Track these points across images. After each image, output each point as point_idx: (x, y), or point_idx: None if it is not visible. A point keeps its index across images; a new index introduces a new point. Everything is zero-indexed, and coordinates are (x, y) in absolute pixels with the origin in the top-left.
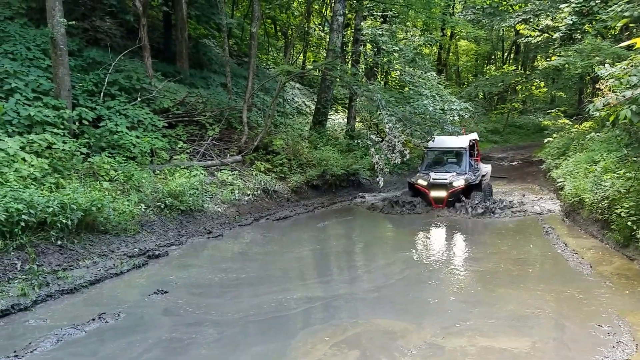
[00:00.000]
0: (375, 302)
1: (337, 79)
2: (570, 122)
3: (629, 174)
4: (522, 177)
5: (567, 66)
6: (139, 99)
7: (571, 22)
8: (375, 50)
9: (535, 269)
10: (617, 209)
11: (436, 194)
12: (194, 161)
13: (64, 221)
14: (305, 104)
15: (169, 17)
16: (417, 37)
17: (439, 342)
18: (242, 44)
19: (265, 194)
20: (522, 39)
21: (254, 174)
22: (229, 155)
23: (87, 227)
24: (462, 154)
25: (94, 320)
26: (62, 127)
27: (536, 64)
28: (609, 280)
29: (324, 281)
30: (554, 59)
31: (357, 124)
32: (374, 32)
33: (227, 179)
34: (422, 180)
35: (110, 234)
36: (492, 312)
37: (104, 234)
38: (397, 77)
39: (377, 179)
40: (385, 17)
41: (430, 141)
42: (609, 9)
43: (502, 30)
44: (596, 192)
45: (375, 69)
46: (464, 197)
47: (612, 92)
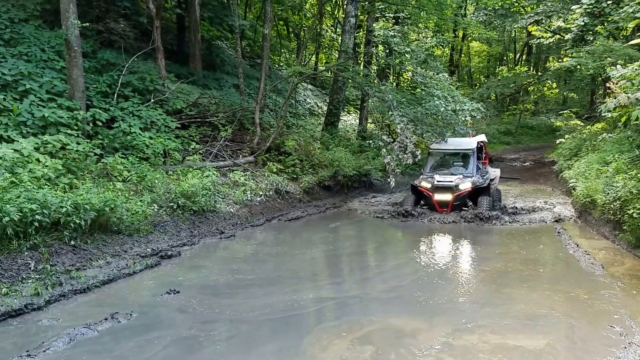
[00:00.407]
0: (387, 302)
1: (349, 80)
2: (582, 123)
3: None
4: (534, 178)
5: (579, 67)
6: (152, 100)
7: (583, 23)
8: (387, 51)
9: (546, 270)
10: (629, 209)
11: (441, 197)
12: (206, 162)
13: (78, 221)
14: (317, 105)
15: (182, 19)
16: (429, 39)
17: (452, 340)
18: (255, 46)
19: (277, 194)
20: (534, 40)
21: (266, 174)
22: (241, 156)
23: (100, 227)
24: (469, 156)
25: (106, 320)
26: (76, 128)
27: (548, 65)
28: (620, 281)
29: (336, 282)
30: (565, 60)
31: (369, 125)
32: (385, 33)
33: (240, 179)
34: (425, 182)
35: (123, 234)
36: (504, 312)
37: (117, 234)
38: (409, 78)
39: (389, 180)
40: (397, 19)
41: (434, 142)
42: (621, 10)
43: (514, 31)
44: (608, 193)
45: (387, 71)
46: (470, 202)
47: (623, 92)
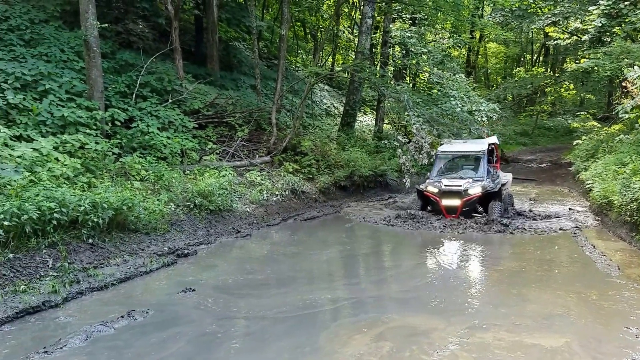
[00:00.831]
0: (403, 302)
1: (366, 81)
2: (599, 125)
3: None
4: (551, 179)
5: (596, 68)
6: (170, 101)
7: (600, 25)
8: (403, 52)
9: (562, 271)
10: None
11: (449, 202)
12: (223, 162)
13: (96, 220)
14: (334, 106)
15: (201, 20)
16: (446, 40)
17: (467, 339)
18: (272, 47)
19: (293, 194)
20: (551, 41)
21: (282, 174)
22: (257, 156)
23: (117, 226)
24: (479, 159)
25: (122, 317)
26: (94, 127)
27: (565, 66)
28: (637, 282)
29: (352, 283)
30: (583, 61)
31: (385, 125)
32: (402, 34)
33: (256, 179)
34: (432, 187)
35: (140, 232)
36: (519, 312)
37: (134, 232)
38: (426, 79)
39: (404, 180)
40: (414, 20)
41: (442, 144)
42: (638, 11)
43: (531, 32)
44: (625, 195)
45: (403, 71)
46: (480, 208)
47: None
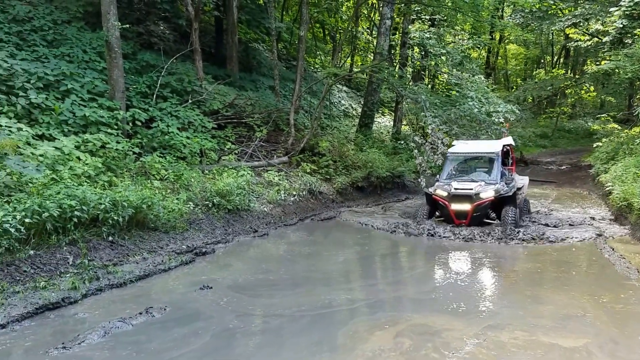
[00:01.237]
0: (421, 302)
1: (384, 81)
2: (619, 127)
3: None
4: (570, 181)
5: (617, 70)
6: (190, 101)
7: (621, 26)
8: (422, 53)
9: (580, 272)
10: None
11: (458, 207)
12: (241, 162)
13: (116, 218)
14: (352, 107)
15: (220, 21)
16: (465, 41)
17: (486, 338)
18: (291, 48)
19: (310, 194)
20: (572, 43)
21: (300, 174)
22: (275, 156)
23: (137, 224)
24: (492, 161)
25: (141, 314)
26: (115, 127)
27: (586, 68)
28: None
29: (369, 284)
30: (603, 63)
31: (403, 127)
32: (421, 35)
33: (274, 179)
34: (441, 190)
35: (159, 231)
36: (535, 313)
37: (153, 230)
38: (445, 80)
39: (419, 180)
40: (433, 21)
41: (453, 145)
42: None
43: (552, 34)
44: None
45: (422, 73)
46: (493, 213)
47: None
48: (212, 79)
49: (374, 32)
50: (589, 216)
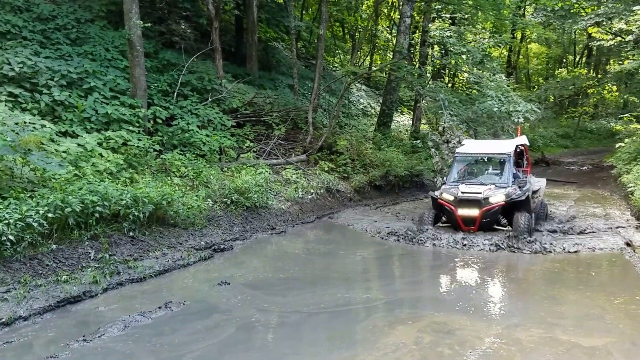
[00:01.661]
0: (438, 302)
1: (403, 79)
2: None
3: None
4: (592, 182)
5: None
6: (210, 99)
7: None
8: (442, 52)
9: (600, 273)
10: None
11: (465, 212)
12: (260, 159)
13: (136, 214)
14: (370, 106)
15: (241, 20)
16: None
17: (507, 335)
18: (310, 47)
19: (328, 193)
20: (594, 42)
21: (318, 173)
22: (293, 154)
23: (157, 220)
24: (504, 163)
25: (160, 308)
26: (137, 125)
27: (608, 67)
28: None
29: (385, 283)
30: (626, 62)
31: (422, 126)
32: (441, 33)
33: (292, 177)
34: (447, 194)
35: (179, 227)
36: (555, 313)
37: (173, 227)
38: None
39: (435, 179)
40: (453, 19)
41: (462, 144)
42: None
43: (574, 33)
44: None
45: (442, 71)
46: (504, 219)
47: None
48: (232, 78)
49: (393, 31)
50: (612, 221)
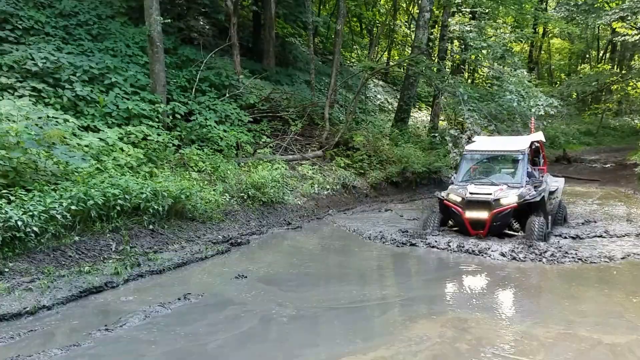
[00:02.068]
0: (458, 299)
1: (421, 76)
2: None
3: None
4: (615, 180)
5: None
6: (227, 95)
7: None
8: (462, 47)
9: (621, 272)
10: None
11: (474, 215)
12: (276, 155)
13: (156, 207)
14: (387, 102)
15: (258, 16)
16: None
17: (530, 331)
18: (327, 42)
19: (344, 188)
20: (619, 37)
21: (334, 169)
22: (310, 150)
23: (176, 214)
24: (517, 161)
25: (179, 299)
26: (157, 120)
27: (633, 63)
28: None
29: (402, 281)
30: None
31: (440, 122)
32: (461, 28)
33: (308, 173)
34: (455, 195)
35: (197, 221)
36: (576, 310)
37: (191, 220)
38: (485, 74)
39: (452, 176)
40: (474, 14)
41: (472, 141)
42: None
43: (598, 28)
44: None
45: (462, 66)
46: (516, 223)
47: None
48: (249, 74)
49: (412, 26)
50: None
